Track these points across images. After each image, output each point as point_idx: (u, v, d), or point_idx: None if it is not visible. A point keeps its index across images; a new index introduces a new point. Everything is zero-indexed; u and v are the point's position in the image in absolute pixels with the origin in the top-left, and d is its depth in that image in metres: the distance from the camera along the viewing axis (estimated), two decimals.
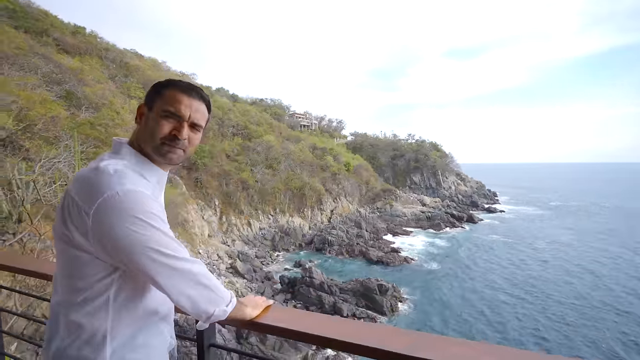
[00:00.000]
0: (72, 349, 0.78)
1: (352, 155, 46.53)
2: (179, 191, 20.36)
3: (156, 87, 0.91)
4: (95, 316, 0.78)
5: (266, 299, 1.09)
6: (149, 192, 0.80)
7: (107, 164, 0.80)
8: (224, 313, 0.87)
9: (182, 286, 0.79)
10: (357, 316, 14.67)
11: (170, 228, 0.90)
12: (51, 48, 20.61)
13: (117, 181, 0.76)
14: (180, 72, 38.24)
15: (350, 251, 24.32)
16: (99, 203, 0.73)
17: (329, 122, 65.26)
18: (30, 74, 14.20)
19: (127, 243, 0.74)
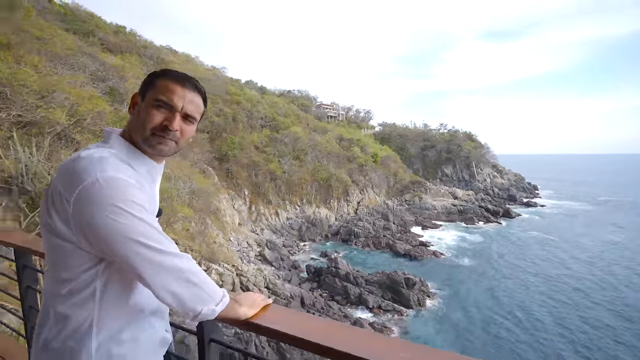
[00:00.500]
0: (57, 341, 0.76)
1: (380, 146, 45.53)
2: (211, 181, 21.33)
3: (150, 77, 0.89)
4: (82, 308, 0.76)
5: (265, 298, 1.03)
6: (133, 181, 0.76)
7: (92, 152, 0.78)
8: (212, 312, 0.82)
9: (166, 282, 0.75)
10: (382, 308, 14.60)
11: (203, 216, 0.90)
12: (96, 47, 22.16)
13: (99, 168, 0.73)
14: (212, 66, 39.48)
15: (377, 243, 24.09)
16: (79, 190, 0.70)
17: (356, 112, 64.23)
18: (79, 72, 15.40)
19: (108, 232, 0.70)
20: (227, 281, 12.43)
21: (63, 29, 21.28)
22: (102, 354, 0.77)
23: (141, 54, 27.80)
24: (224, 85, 33.28)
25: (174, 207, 14.05)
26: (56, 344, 0.76)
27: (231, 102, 31.26)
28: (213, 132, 26.65)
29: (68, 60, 16.02)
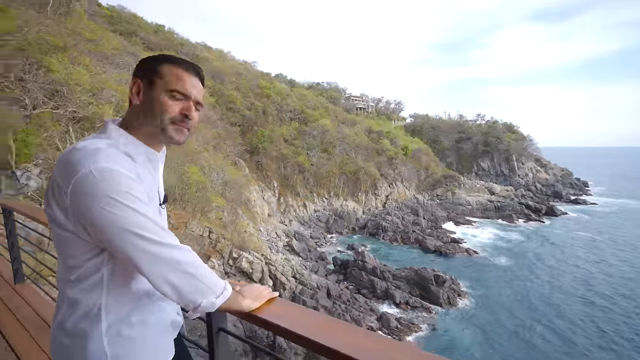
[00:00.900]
0: (70, 322, 0.79)
1: (411, 139, 44.04)
2: (242, 173, 22.12)
3: (151, 62, 0.87)
4: (91, 293, 0.78)
5: (271, 291, 1.00)
6: (130, 171, 0.76)
7: (88, 143, 0.77)
8: (212, 305, 0.81)
9: (165, 273, 0.74)
10: (410, 304, 14.35)
11: (235, 206, 0.90)
12: (139, 47, 23.66)
13: (92, 159, 0.72)
14: (243, 60, 40.44)
15: (405, 238, 23.57)
16: (73, 182, 0.71)
17: (386, 103, 62.48)
18: (124, 70, 16.59)
19: (103, 224, 0.71)
20: (256, 269, 12.94)
21: (110, 30, 22.97)
22: (112, 335, 0.79)
23: (178, 52, 29.20)
24: (255, 79, 34.01)
25: (208, 197, 14.82)
26: (69, 325, 0.79)
27: (261, 96, 31.91)
28: (244, 125, 27.47)
29: (114, 60, 17.32)
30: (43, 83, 11.00)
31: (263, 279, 12.96)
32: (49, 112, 11.04)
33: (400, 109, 62.27)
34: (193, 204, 13.79)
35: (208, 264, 11.92)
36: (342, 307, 12.94)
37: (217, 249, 12.72)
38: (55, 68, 11.60)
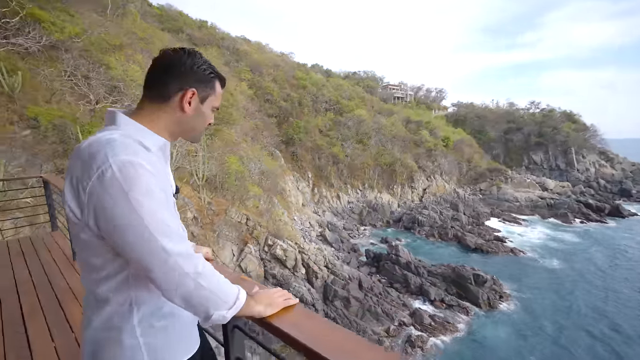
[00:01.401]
0: (101, 320, 0.79)
1: (453, 129, 41.51)
2: (278, 163, 22.70)
3: (212, 80, 0.90)
4: (119, 291, 0.78)
5: (291, 298, 0.94)
6: (148, 162, 0.72)
7: (102, 135, 0.73)
8: (223, 318, 0.78)
9: (175, 281, 0.71)
10: (445, 302, 13.81)
11: (271, 195, 0.89)
12: (185, 43, 25.07)
13: (111, 152, 0.68)
14: (281, 52, 40.91)
15: (443, 234, 22.56)
16: (93, 179, 0.67)
17: (426, 92, 59.39)
18: None
19: (120, 223, 0.67)
20: (290, 257, 13.34)
21: (159, 28, 24.60)
22: (144, 327, 0.80)
23: (220, 45, 30.41)
24: (292, 71, 34.30)
25: (246, 186, 15.48)
26: (101, 322, 0.79)
27: (297, 87, 32.15)
28: (281, 116, 28.00)
29: None
30: (104, 80, 12.19)
31: (296, 267, 13.33)
32: (109, 106, 12.26)
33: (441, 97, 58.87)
34: (232, 192, 14.52)
35: (245, 249, 12.57)
36: (374, 300, 12.87)
37: (254, 236, 13.31)
38: (114, 66, 12.75)
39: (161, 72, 0.84)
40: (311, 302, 11.78)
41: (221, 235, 12.29)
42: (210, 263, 0.81)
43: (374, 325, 11.61)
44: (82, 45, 12.41)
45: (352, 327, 11.00)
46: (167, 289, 0.72)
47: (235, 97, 21.10)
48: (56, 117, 9.75)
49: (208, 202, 12.74)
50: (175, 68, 0.84)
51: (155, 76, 0.85)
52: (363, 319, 11.94)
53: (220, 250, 12.01)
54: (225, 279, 0.81)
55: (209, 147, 14.60)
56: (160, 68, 0.85)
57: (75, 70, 11.54)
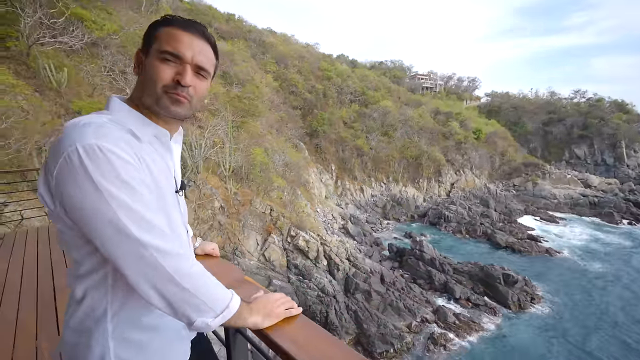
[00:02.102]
0: (75, 320, 0.71)
1: (486, 121, 39.29)
2: (302, 155, 22.86)
3: (151, 28, 0.74)
4: (96, 290, 0.69)
5: (294, 307, 0.85)
6: (127, 151, 0.62)
7: (82, 117, 0.65)
8: (206, 326, 0.69)
9: (152, 279, 0.62)
10: (471, 301, 13.35)
11: (294, 187, 0.74)
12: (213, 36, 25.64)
13: (79, 135, 0.60)
14: (306, 43, 40.66)
15: (471, 231, 21.66)
16: (59, 163, 0.59)
17: (457, 81, 56.49)
18: None
19: (87, 215, 0.60)
20: (312, 248, 13.50)
21: None
22: (118, 338, 0.69)
23: (247, 38, 30.78)
24: (317, 62, 34.02)
25: (270, 178, 15.78)
26: (75, 323, 0.70)
27: (322, 78, 31.89)
28: (305, 108, 28.02)
29: None
30: None
31: (318, 258, 13.48)
32: None
33: (474, 87, 55.74)
34: (257, 183, 14.87)
35: (268, 239, 12.89)
36: (396, 295, 12.73)
37: (277, 226, 13.60)
38: None
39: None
40: (332, 294, 11.89)
41: (246, 225, 12.68)
42: (216, 260, 0.74)
43: (395, 320, 11.51)
44: (119, 41, 13.11)
45: (373, 321, 10.99)
46: (142, 288, 0.63)
47: (261, 90, 21.39)
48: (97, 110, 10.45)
49: (234, 192, 13.16)
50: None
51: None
52: (384, 313, 11.87)
53: (245, 240, 12.42)
54: (217, 283, 0.72)
55: (235, 139, 14.99)
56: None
57: (113, 65, 12.25)
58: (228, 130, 14.09)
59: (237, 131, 16.19)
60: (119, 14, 14.71)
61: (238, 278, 1.00)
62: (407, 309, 12.06)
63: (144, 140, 0.70)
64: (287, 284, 11.82)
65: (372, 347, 10.12)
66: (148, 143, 0.72)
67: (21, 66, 9.87)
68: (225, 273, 1.04)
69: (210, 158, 13.18)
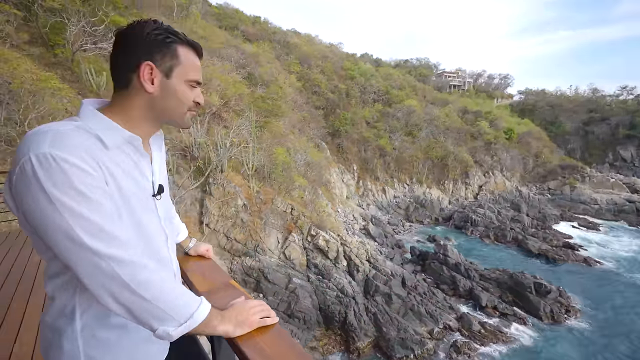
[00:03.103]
0: (49, 317, 0.73)
1: (518, 120, 37.18)
2: (324, 155, 22.90)
3: (168, 44, 0.73)
4: (65, 290, 0.71)
5: (270, 316, 0.81)
6: (84, 159, 0.62)
7: (47, 124, 0.65)
8: (168, 336, 0.67)
9: (110, 289, 0.62)
10: (499, 310, 12.68)
11: (316, 186, 0.69)
12: (239, 39, 26.37)
13: (35, 144, 0.59)
14: (329, 43, 40.67)
15: (500, 236, 20.59)
16: (16, 172, 0.60)
17: (488, 79, 53.95)
18: (226, 62, 18.83)
19: (41, 224, 0.60)
20: (332, 248, 13.49)
21: (217, 26, 26.23)
22: (86, 336, 0.71)
23: (271, 40, 31.33)
24: (340, 61, 33.91)
25: (292, 177, 15.95)
26: (49, 320, 0.73)
27: (345, 78, 31.73)
28: (328, 108, 28.03)
29: (220, 52, 19.82)
30: None
31: (338, 259, 13.44)
32: None
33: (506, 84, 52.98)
34: (279, 182, 15.09)
35: (289, 237, 13.05)
36: (417, 299, 12.39)
37: (298, 225, 13.72)
38: None
39: (113, 54, 0.73)
40: (351, 295, 11.81)
41: (267, 223, 12.92)
42: (207, 262, 0.72)
43: (416, 325, 11.21)
44: None
45: (393, 324, 10.77)
46: (101, 297, 0.63)
47: (284, 90, 21.68)
48: None
49: (256, 190, 13.45)
50: (123, 43, 0.72)
51: (111, 61, 0.74)
52: (405, 317, 11.60)
53: (267, 237, 12.66)
54: (181, 292, 0.70)
55: (259, 139, 15.32)
56: (113, 51, 0.74)
57: None
58: (252, 130, 14.43)
59: (260, 131, 16.53)
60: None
61: (223, 282, 0.99)
62: (429, 315, 11.71)
63: (111, 147, 0.69)
64: (306, 282, 11.89)
65: (392, 351, 9.92)
66: (117, 149, 0.71)
67: (66, 71, 10.72)
68: (212, 276, 1.04)
69: (234, 157, 13.57)
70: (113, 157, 0.69)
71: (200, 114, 14.35)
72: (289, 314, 10.66)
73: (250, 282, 11.20)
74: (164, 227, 0.85)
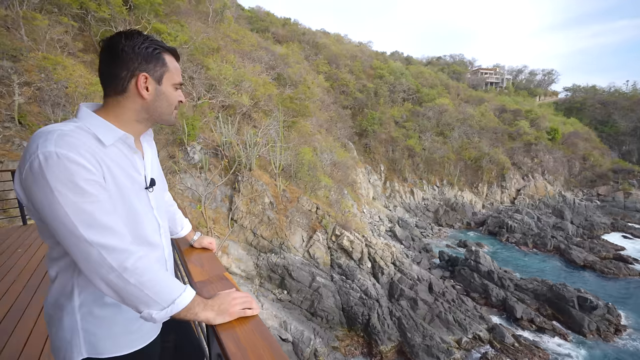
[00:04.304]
0: (51, 296, 0.82)
1: (564, 119, 34.34)
2: (350, 155, 22.76)
3: (158, 55, 0.84)
4: (66, 272, 0.80)
5: (252, 308, 0.86)
6: (84, 156, 0.70)
7: (52, 125, 0.73)
8: (151, 318, 0.75)
9: (99, 273, 0.71)
10: (536, 324, 11.81)
11: (341, 186, 0.72)
12: (270, 41, 27.00)
13: (42, 143, 0.68)
14: (359, 42, 40.31)
15: (540, 244, 19.13)
16: (26, 167, 0.68)
17: (529, 75, 50.36)
18: (257, 63, 19.37)
19: (47, 215, 0.68)
20: (356, 249, 13.38)
21: (249, 29, 27.07)
22: (84, 313, 0.80)
23: (301, 40, 31.73)
24: (369, 60, 33.48)
25: (318, 177, 16.05)
26: (50, 299, 0.82)
27: (374, 77, 31.27)
28: (355, 108, 27.81)
29: (251, 55, 20.44)
30: (204, 79, 14.16)
31: (362, 260, 13.30)
32: (207, 102, 14.25)
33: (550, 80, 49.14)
34: (305, 182, 15.26)
35: (314, 236, 13.14)
36: (445, 306, 11.90)
37: (323, 225, 13.78)
38: (211, 67, 14.65)
39: (107, 64, 0.81)
40: (375, 297, 11.63)
41: (293, 221, 13.12)
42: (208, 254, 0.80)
43: (443, 333, 10.78)
44: (189, 50, 14.63)
45: (418, 331, 10.45)
46: (93, 280, 0.71)
47: (312, 90, 21.85)
48: None
49: (283, 189, 13.71)
50: (117, 57, 0.80)
51: (104, 70, 0.82)
52: (431, 324, 11.20)
53: (292, 235, 12.86)
54: (166, 278, 0.77)
55: (286, 139, 15.59)
56: (105, 61, 0.81)
57: (183, 72, 13.72)
58: (280, 129, 14.72)
59: (287, 130, 16.81)
60: (189, 25, 16.40)
61: (218, 274, 1.04)
62: (457, 323, 11.20)
63: (107, 144, 0.78)
64: (330, 282, 11.91)
65: (416, 358, 9.64)
66: (113, 146, 0.80)
67: None
68: (210, 267, 1.11)
69: (262, 156, 13.94)
70: (109, 154, 0.78)
71: (231, 114, 14.93)
72: (312, 312, 10.76)
73: (275, 278, 11.45)
74: (157, 217, 0.93)
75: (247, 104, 15.22)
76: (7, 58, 8.78)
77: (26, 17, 10.03)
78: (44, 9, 11.41)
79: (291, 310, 10.52)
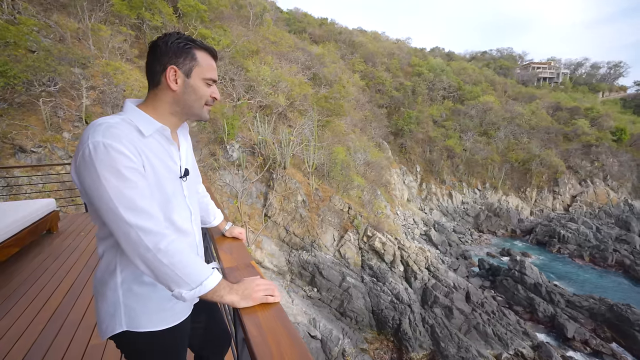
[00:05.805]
0: (99, 272, 0.92)
1: (633, 118, 30.25)
2: (385, 155, 22.26)
3: (189, 49, 0.89)
4: (110, 251, 0.89)
5: (274, 295, 0.89)
6: (127, 146, 0.78)
7: (101, 118, 0.82)
8: (181, 297, 0.81)
9: (137, 252, 0.78)
10: (591, 346, 10.58)
11: (375, 187, 0.75)
12: (306, 42, 27.35)
13: (92, 134, 0.76)
14: (396, 39, 39.23)
15: (599, 258, 17.10)
16: (79, 155, 0.77)
17: (591, 69, 45.09)
18: (293, 64, 19.75)
19: (94, 197, 0.76)
20: (388, 251, 13.07)
21: (287, 30, 27.68)
22: (125, 289, 0.89)
23: (337, 40, 31.71)
24: (407, 57, 32.41)
25: (350, 176, 15.96)
26: (98, 274, 0.92)
27: (412, 74, 30.21)
28: (391, 107, 27.11)
29: (288, 56, 20.90)
30: (243, 81, 14.79)
31: (394, 263, 12.97)
32: (245, 102, 14.87)
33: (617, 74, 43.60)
34: (337, 181, 15.26)
35: (345, 236, 13.10)
36: (484, 318, 11.16)
37: (354, 225, 13.67)
38: (250, 68, 15.25)
39: (148, 62, 0.91)
40: (407, 302, 11.28)
41: (324, 220, 13.20)
42: (238, 243, 0.86)
43: (480, 346, 10.12)
44: (230, 53, 15.38)
45: (452, 341, 9.94)
46: (133, 258, 0.79)
47: (347, 89, 21.72)
48: (211, 112, 12.60)
49: (315, 188, 13.85)
50: (154, 52, 0.89)
51: (147, 68, 0.91)
52: (467, 335, 10.57)
53: (323, 234, 12.95)
54: (196, 261, 0.83)
55: (320, 138, 15.71)
56: (147, 59, 0.91)
57: (225, 74, 14.46)
58: (314, 128, 14.89)
59: (321, 130, 16.92)
60: (231, 29, 17.23)
61: (245, 262, 1.12)
62: (497, 337, 10.45)
63: (147, 135, 0.86)
64: (360, 283, 11.80)
65: None
66: (152, 138, 0.88)
67: None
68: (238, 255, 1.19)
69: (296, 155, 14.21)
70: (148, 144, 0.86)
71: (267, 113, 15.42)
72: (341, 311, 10.74)
73: (305, 275, 11.62)
74: (189, 205, 1.01)
75: (283, 103, 15.60)
76: (78, 65, 9.98)
77: (93, 29, 11.31)
78: (108, 20, 12.76)
79: (320, 308, 10.60)
